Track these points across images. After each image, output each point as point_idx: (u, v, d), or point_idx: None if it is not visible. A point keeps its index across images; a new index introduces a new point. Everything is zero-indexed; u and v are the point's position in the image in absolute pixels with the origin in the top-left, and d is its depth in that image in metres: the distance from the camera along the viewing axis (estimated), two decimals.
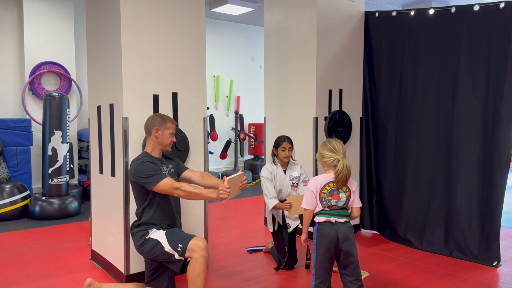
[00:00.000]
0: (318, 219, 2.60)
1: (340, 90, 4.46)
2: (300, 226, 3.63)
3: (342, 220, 2.59)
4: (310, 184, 2.63)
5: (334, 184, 2.58)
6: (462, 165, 3.88)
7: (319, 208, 2.60)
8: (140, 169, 2.71)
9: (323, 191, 2.59)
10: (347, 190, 2.62)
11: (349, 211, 2.65)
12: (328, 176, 2.61)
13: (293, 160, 3.74)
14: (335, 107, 4.43)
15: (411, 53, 4.23)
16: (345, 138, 4.50)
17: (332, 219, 2.57)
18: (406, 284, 3.28)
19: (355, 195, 2.65)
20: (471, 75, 3.80)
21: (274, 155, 3.67)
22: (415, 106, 4.22)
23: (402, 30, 4.28)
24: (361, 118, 4.66)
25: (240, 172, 2.73)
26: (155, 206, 2.78)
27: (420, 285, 3.26)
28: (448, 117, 3.97)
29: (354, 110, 4.59)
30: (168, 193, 2.70)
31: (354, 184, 2.66)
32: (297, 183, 3.66)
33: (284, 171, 3.66)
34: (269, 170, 3.61)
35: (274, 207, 3.47)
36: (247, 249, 4.10)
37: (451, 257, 3.89)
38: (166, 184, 2.66)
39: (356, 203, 2.65)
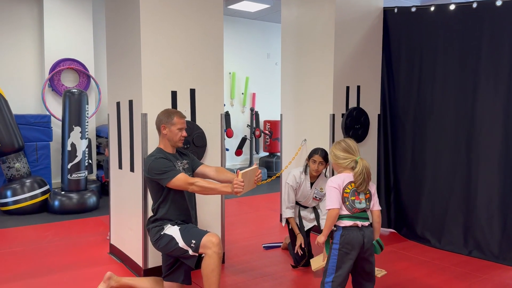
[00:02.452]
0: (343, 223, 2.39)
1: (358, 87, 4.43)
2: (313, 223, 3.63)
3: (366, 223, 2.43)
4: (331, 181, 2.43)
5: (354, 185, 2.43)
6: (482, 163, 3.82)
7: (342, 211, 2.40)
8: (154, 165, 2.72)
9: (345, 190, 2.41)
10: (367, 192, 2.47)
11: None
12: (348, 176, 2.45)
13: (325, 176, 3.63)
14: (352, 104, 4.40)
15: (430, 49, 4.17)
16: (362, 135, 4.47)
17: (359, 222, 2.38)
18: (424, 283, 3.25)
19: (375, 197, 2.50)
20: (492, 71, 3.74)
21: (307, 165, 3.55)
22: (434, 103, 4.16)
23: (421, 26, 4.23)
24: (379, 115, 4.62)
25: (254, 166, 2.71)
26: (170, 201, 2.79)
27: (438, 284, 3.23)
28: (468, 114, 3.91)
29: (372, 107, 4.56)
30: (182, 189, 2.71)
31: (373, 186, 2.53)
32: (320, 198, 3.57)
33: (312, 183, 3.57)
34: (296, 179, 3.53)
35: (288, 220, 3.53)
36: (263, 245, 4.11)
37: (470, 256, 3.84)
38: (180, 179, 2.67)
39: (376, 206, 2.50)
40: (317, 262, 3.37)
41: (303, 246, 3.43)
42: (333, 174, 4.06)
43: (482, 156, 3.83)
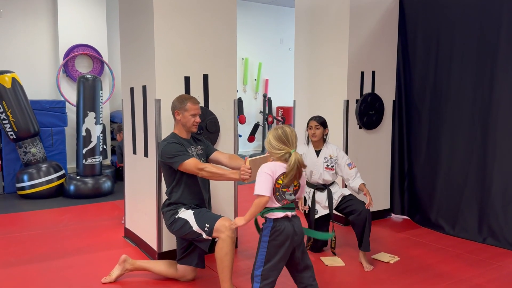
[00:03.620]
0: (274, 215, 2.24)
1: (373, 72, 4.37)
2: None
3: (294, 213, 2.30)
4: (265, 167, 2.24)
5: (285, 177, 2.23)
6: (499, 149, 3.76)
7: (273, 203, 2.24)
8: (166, 149, 2.77)
9: (278, 181, 2.22)
10: (297, 184, 2.28)
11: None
12: (281, 165, 2.25)
13: (327, 142, 3.57)
14: (367, 89, 4.35)
15: (447, 33, 4.09)
16: (376, 121, 4.42)
17: (289, 213, 2.25)
18: (437, 270, 3.24)
19: (303, 188, 2.36)
20: (511, 56, 3.65)
21: (307, 135, 3.57)
22: (451, 89, 4.09)
23: (439, 9, 4.14)
24: (394, 101, 4.56)
25: (266, 154, 2.71)
26: (183, 185, 2.83)
27: (452, 271, 3.22)
28: (485, 99, 3.84)
29: (387, 93, 4.50)
30: (193, 173, 2.73)
31: (304, 178, 2.35)
32: (333, 166, 3.47)
33: (318, 152, 3.52)
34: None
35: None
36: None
37: (484, 243, 3.80)
38: (190, 164, 2.70)
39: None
40: (332, 260, 3.37)
41: (303, 207, 3.34)
42: (346, 146, 4.02)
43: (499, 143, 3.76)
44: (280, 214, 2.24)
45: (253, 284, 2.26)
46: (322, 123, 3.48)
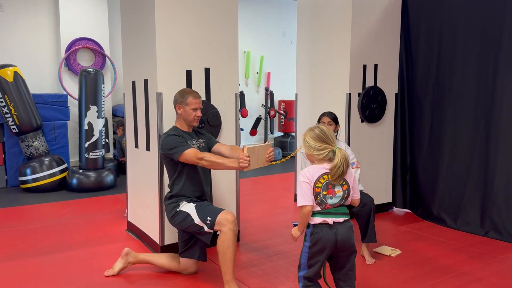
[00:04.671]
0: (313, 220, 2.16)
1: (375, 65, 4.35)
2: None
3: (341, 219, 2.17)
4: (302, 175, 2.16)
5: (329, 177, 2.14)
6: (502, 143, 3.75)
7: (313, 207, 2.16)
8: (166, 141, 2.80)
9: (317, 185, 2.13)
10: (345, 183, 2.19)
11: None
12: (320, 167, 2.16)
13: (337, 138, 3.53)
14: (369, 83, 4.34)
15: (450, 27, 4.06)
16: (379, 115, 4.41)
17: (330, 219, 2.14)
18: (439, 263, 3.25)
19: (355, 186, 2.26)
20: None
21: None
22: (454, 82, 4.07)
23: (441, 3, 4.11)
24: (396, 94, 4.54)
25: (266, 143, 2.71)
26: (184, 178, 2.84)
27: (453, 264, 3.22)
28: (489, 92, 3.82)
29: (389, 86, 4.48)
30: (193, 163, 2.75)
31: (351, 175, 2.24)
32: None
33: None
34: None
35: None
36: (293, 223, 4.13)
37: (486, 237, 3.80)
38: (190, 154, 2.71)
39: (356, 194, 2.26)
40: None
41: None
42: (348, 140, 4.01)
43: (501, 136, 3.75)
44: (318, 220, 2.15)
45: (300, 284, 2.25)
46: (334, 119, 3.46)
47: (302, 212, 2.14)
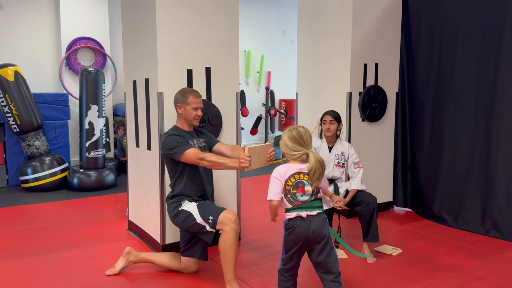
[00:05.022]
0: (288, 215, 2.28)
1: (376, 64, 4.35)
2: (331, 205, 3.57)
3: (315, 212, 2.25)
4: (274, 172, 2.28)
5: (302, 176, 2.24)
6: (502, 142, 3.75)
7: (284, 204, 2.29)
8: (166, 141, 2.80)
9: (288, 183, 2.24)
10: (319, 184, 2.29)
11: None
12: (293, 166, 2.27)
13: (340, 137, 3.53)
14: (370, 82, 4.34)
15: (451, 25, 4.06)
16: (379, 114, 4.41)
17: (303, 213, 2.23)
18: (440, 261, 3.25)
19: (324, 182, 2.34)
20: None
21: (321, 129, 3.51)
22: (454, 81, 4.07)
23: (442, 2, 4.10)
24: (397, 93, 4.54)
25: (267, 143, 2.71)
26: (185, 177, 2.84)
27: (454, 263, 3.22)
28: (489, 91, 3.82)
29: (390, 85, 4.48)
30: (194, 163, 2.75)
31: (325, 179, 2.38)
32: (344, 163, 3.44)
33: (330, 148, 3.49)
34: (313, 145, 3.46)
35: None
36: None
37: (487, 236, 3.80)
38: (191, 154, 2.71)
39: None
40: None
41: (341, 205, 3.23)
42: (349, 139, 3.99)
43: (502, 134, 3.75)
44: (292, 214, 2.27)
45: (280, 265, 2.39)
46: (337, 117, 3.43)
47: (270, 204, 2.30)
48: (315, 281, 2.80)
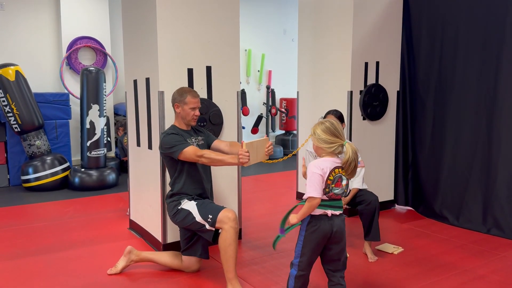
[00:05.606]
0: (313, 211, 2.20)
1: (377, 63, 4.34)
2: None
3: (338, 212, 2.23)
4: (315, 166, 2.17)
5: (340, 171, 2.19)
6: (504, 140, 3.74)
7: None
8: (165, 140, 2.80)
9: (329, 177, 2.16)
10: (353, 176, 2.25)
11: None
12: (333, 161, 2.19)
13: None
14: (371, 80, 4.33)
15: (452, 24, 4.05)
16: (380, 112, 4.41)
17: (329, 212, 2.19)
18: (441, 260, 3.24)
19: (356, 178, 2.30)
20: None
21: None
22: (455, 79, 4.07)
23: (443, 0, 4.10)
24: (398, 91, 4.54)
25: (264, 138, 2.71)
26: (184, 176, 2.85)
27: (456, 261, 3.22)
28: (491, 90, 3.81)
29: (391, 84, 4.48)
30: (193, 161, 2.75)
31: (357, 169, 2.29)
32: None
33: None
34: None
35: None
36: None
37: (488, 234, 3.80)
38: (189, 152, 2.72)
39: (353, 185, 2.24)
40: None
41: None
42: (350, 138, 3.92)
43: (504, 133, 3.74)
44: (318, 211, 2.19)
45: (291, 270, 2.29)
46: (340, 117, 3.42)
47: (310, 203, 2.15)
48: (316, 280, 2.80)
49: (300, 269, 2.25)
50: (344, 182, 2.21)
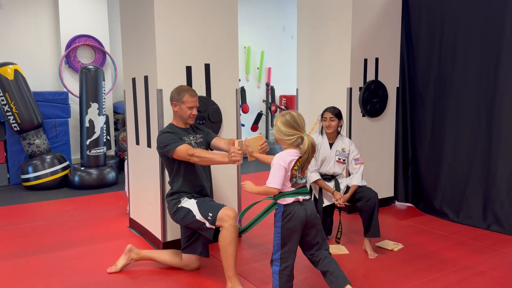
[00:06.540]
0: (285, 200, 2.27)
1: (376, 59, 4.33)
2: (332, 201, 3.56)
3: (308, 197, 2.32)
4: (280, 158, 2.25)
5: (300, 161, 2.26)
6: (504, 136, 3.74)
7: (286, 188, 2.27)
8: (160, 139, 2.80)
9: (294, 167, 2.24)
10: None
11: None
12: (295, 152, 2.27)
13: (341, 134, 3.53)
14: (370, 77, 4.32)
15: (452, 19, 4.04)
16: (380, 109, 4.40)
17: (300, 197, 2.27)
18: (441, 256, 3.24)
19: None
20: None
21: (321, 125, 3.50)
22: (455, 75, 4.06)
23: None
24: (397, 88, 4.53)
25: (258, 135, 2.70)
26: (182, 175, 2.84)
27: (456, 258, 3.22)
28: (490, 86, 3.80)
29: (391, 80, 4.47)
30: (185, 159, 2.73)
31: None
32: (344, 160, 3.44)
33: (331, 144, 3.47)
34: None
35: (316, 183, 3.40)
36: None
37: (488, 230, 3.80)
38: (181, 150, 2.70)
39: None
40: (336, 248, 3.36)
41: (341, 203, 3.27)
42: (350, 134, 3.99)
43: (504, 129, 3.74)
44: (290, 199, 2.27)
45: (273, 267, 2.30)
46: (337, 114, 3.41)
47: (269, 190, 2.27)
48: (314, 278, 2.80)
49: (282, 262, 2.28)
50: (306, 171, 2.33)
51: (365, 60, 4.26)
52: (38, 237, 3.74)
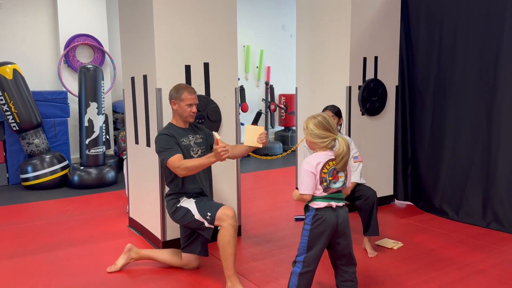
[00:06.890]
0: (317, 204, 2.21)
1: (375, 58, 4.32)
2: None
3: (341, 204, 2.25)
4: (306, 163, 2.20)
5: (333, 163, 2.20)
6: (503, 135, 3.73)
7: (317, 191, 2.21)
8: (157, 141, 2.79)
9: (323, 170, 2.18)
10: (345, 169, 2.26)
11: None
12: (325, 154, 2.20)
13: (340, 132, 3.51)
14: (369, 75, 4.31)
15: (451, 17, 4.03)
16: (379, 107, 4.39)
17: (333, 203, 2.21)
18: (441, 255, 3.24)
19: (350, 173, 2.33)
20: None
21: None
22: (455, 73, 4.05)
23: None
24: (397, 86, 4.52)
25: (260, 127, 2.69)
26: (179, 178, 2.81)
27: (455, 256, 3.22)
28: (490, 84, 3.80)
29: (390, 79, 4.46)
30: (174, 171, 2.70)
31: (349, 165, 2.33)
32: None
33: None
34: None
35: None
36: (295, 217, 4.13)
37: (488, 228, 3.80)
38: (170, 164, 2.68)
39: (351, 179, 2.28)
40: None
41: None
42: (349, 133, 3.91)
43: (503, 127, 3.73)
44: (322, 204, 2.21)
45: (294, 268, 2.26)
46: (337, 112, 3.42)
47: (302, 197, 2.23)
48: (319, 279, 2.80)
49: (305, 266, 2.22)
50: (340, 175, 2.23)
51: (364, 59, 4.26)
52: (38, 237, 3.74)
